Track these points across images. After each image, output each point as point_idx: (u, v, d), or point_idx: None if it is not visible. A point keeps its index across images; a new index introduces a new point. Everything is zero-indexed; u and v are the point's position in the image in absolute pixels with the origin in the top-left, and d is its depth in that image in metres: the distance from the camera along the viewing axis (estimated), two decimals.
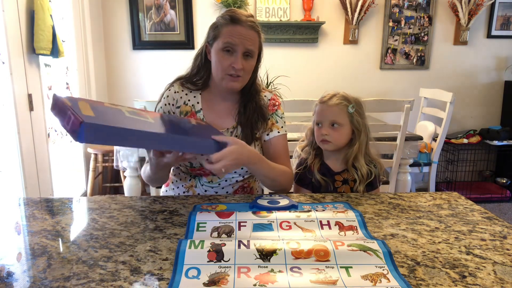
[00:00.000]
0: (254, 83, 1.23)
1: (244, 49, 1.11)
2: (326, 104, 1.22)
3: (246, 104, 1.21)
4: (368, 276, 0.66)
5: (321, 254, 0.71)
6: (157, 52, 3.20)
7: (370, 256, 0.71)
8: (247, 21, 1.11)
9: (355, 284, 0.64)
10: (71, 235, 0.85)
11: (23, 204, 1.02)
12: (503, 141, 3.21)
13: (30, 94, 2.05)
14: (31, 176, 2.06)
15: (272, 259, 0.71)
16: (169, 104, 1.23)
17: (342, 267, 0.68)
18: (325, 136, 1.20)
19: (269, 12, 3.13)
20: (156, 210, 0.97)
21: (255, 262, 0.70)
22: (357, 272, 0.67)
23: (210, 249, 0.72)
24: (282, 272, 0.68)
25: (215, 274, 0.67)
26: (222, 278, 0.66)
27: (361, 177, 1.20)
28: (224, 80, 1.13)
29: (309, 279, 0.66)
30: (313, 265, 0.69)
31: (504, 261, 0.72)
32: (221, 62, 1.11)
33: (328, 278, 0.66)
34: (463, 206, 1.02)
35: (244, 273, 0.67)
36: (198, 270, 0.68)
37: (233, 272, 0.67)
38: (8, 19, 1.89)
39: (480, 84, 3.44)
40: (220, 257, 0.70)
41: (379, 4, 3.22)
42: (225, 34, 1.10)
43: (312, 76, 3.31)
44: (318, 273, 0.67)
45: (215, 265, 0.69)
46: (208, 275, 0.67)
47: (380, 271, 0.67)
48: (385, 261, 0.70)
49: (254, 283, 0.65)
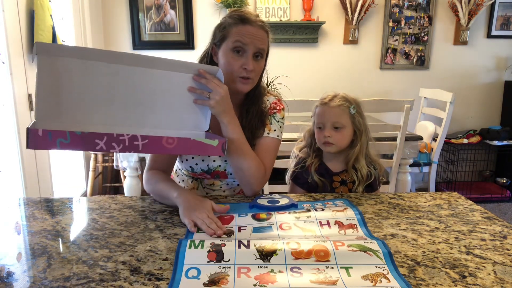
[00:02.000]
0: (259, 86, 1.19)
1: (255, 49, 1.07)
2: (327, 106, 1.20)
3: (249, 107, 1.16)
4: (368, 276, 0.66)
5: (321, 255, 0.71)
6: (157, 52, 3.19)
7: (370, 256, 0.71)
8: (256, 20, 1.08)
9: (355, 284, 0.64)
10: (71, 235, 0.85)
11: (23, 204, 1.02)
12: (503, 141, 3.21)
13: (30, 94, 2.05)
14: (31, 176, 2.06)
15: (272, 259, 0.71)
16: None
17: (342, 267, 0.68)
18: (328, 138, 1.19)
19: (269, 12, 3.13)
20: (156, 210, 0.97)
21: (255, 263, 0.70)
22: (357, 272, 0.67)
23: (210, 249, 0.72)
24: (282, 272, 0.68)
25: (215, 274, 0.67)
26: (222, 278, 0.66)
27: (360, 178, 1.20)
28: (235, 82, 1.09)
29: (309, 279, 0.66)
30: (313, 265, 0.69)
31: (504, 261, 0.72)
32: (231, 64, 1.07)
33: (328, 278, 0.66)
34: (463, 206, 1.02)
35: (244, 273, 0.67)
36: (198, 270, 0.68)
37: (233, 272, 0.67)
38: (8, 19, 1.89)
39: (480, 84, 3.44)
40: (220, 257, 0.71)
41: (379, 4, 3.21)
42: (235, 34, 1.06)
43: (312, 76, 3.31)
44: (318, 273, 0.67)
45: (215, 265, 0.69)
46: (208, 275, 0.67)
47: (380, 271, 0.67)
48: (385, 261, 0.70)
49: (254, 283, 0.65)
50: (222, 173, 1.17)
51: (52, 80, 0.85)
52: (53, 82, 0.85)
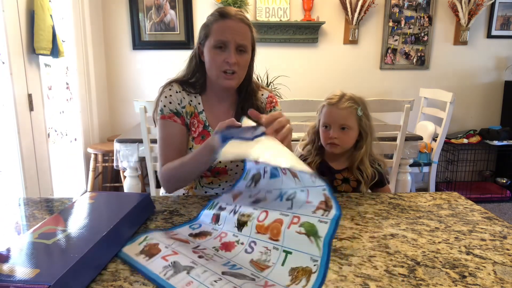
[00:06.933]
0: (251, 83, 1.20)
1: (236, 43, 1.07)
2: (335, 106, 1.20)
3: (244, 105, 1.17)
4: (295, 272, 0.64)
5: (274, 232, 0.71)
6: (157, 52, 3.20)
7: (311, 244, 0.66)
8: (236, 14, 1.08)
9: (276, 279, 0.63)
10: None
11: (23, 204, 1.02)
12: (503, 141, 3.21)
13: (30, 94, 2.05)
14: (31, 176, 2.06)
15: (243, 229, 0.75)
16: (174, 102, 1.15)
17: (284, 250, 0.67)
18: (334, 140, 1.18)
19: (269, 12, 3.13)
20: (156, 210, 0.97)
21: (233, 230, 0.77)
22: (291, 262, 0.65)
23: (215, 212, 0.85)
24: (243, 245, 0.72)
25: (203, 232, 0.80)
26: (204, 235, 0.80)
27: (366, 178, 1.20)
28: (220, 78, 1.10)
29: (251, 258, 0.68)
30: (266, 243, 0.70)
31: (504, 261, 0.72)
32: (215, 59, 1.08)
33: (263, 262, 0.67)
34: (463, 206, 1.02)
35: (221, 236, 0.78)
36: (199, 226, 0.85)
37: (217, 234, 0.79)
38: (8, 19, 1.89)
39: (480, 84, 3.44)
40: (217, 220, 0.83)
41: (379, 4, 3.22)
42: (216, 31, 1.08)
43: (312, 76, 3.31)
44: (263, 254, 0.69)
45: (210, 226, 0.83)
46: (200, 231, 0.82)
47: (310, 266, 0.63)
48: (322, 252, 0.64)
49: (216, 246, 0.74)
50: (222, 169, 1.17)
51: None
52: None
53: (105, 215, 0.82)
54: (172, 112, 1.15)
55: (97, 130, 3.03)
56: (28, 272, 0.58)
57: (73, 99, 2.75)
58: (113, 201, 0.90)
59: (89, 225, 0.76)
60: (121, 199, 0.91)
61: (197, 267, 0.65)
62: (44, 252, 0.65)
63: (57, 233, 0.72)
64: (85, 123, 2.86)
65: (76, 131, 2.78)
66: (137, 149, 2.14)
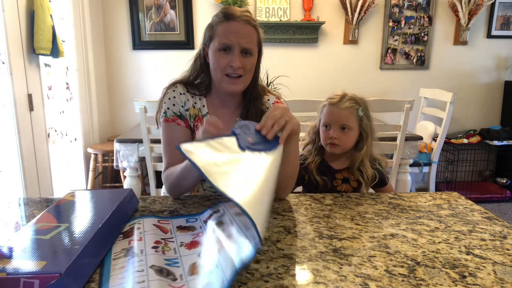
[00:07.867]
0: (256, 86, 1.16)
1: (241, 46, 1.03)
2: (336, 106, 1.19)
3: (249, 109, 1.14)
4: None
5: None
6: (157, 52, 3.20)
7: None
8: (242, 16, 1.04)
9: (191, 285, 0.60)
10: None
11: (23, 204, 1.02)
12: (503, 141, 3.21)
13: (30, 94, 2.05)
14: (31, 176, 2.06)
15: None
16: (178, 104, 1.12)
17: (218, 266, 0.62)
18: (334, 140, 1.18)
19: (269, 12, 3.13)
20: (156, 210, 0.97)
21: (212, 232, 0.77)
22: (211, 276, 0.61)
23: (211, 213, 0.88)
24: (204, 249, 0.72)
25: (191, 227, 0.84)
26: (190, 229, 0.83)
27: (366, 179, 1.20)
28: (223, 81, 1.07)
29: (195, 262, 0.68)
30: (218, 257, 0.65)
31: (504, 261, 0.72)
32: (219, 62, 1.05)
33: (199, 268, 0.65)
34: (463, 206, 1.02)
35: (198, 235, 0.79)
36: (196, 220, 0.88)
37: (198, 232, 0.80)
38: (8, 19, 1.89)
39: (480, 84, 3.44)
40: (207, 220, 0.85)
41: (379, 4, 3.22)
42: (220, 33, 1.04)
43: (312, 76, 3.31)
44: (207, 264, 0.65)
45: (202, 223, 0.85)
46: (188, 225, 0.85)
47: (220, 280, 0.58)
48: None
49: (184, 241, 0.76)
50: None
51: None
52: None
53: (95, 210, 0.86)
54: (175, 115, 1.12)
55: (97, 130, 3.03)
56: (35, 264, 0.60)
57: (73, 99, 2.75)
58: (98, 197, 0.95)
59: (83, 219, 0.79)
60: (104, 195, 0.96)
61: (140, 256, 0.69)
62: (45, 246, 0.67)
63: (52, 229, 0.74)
64: (85, 123, 2.86)
65: (76, 131, 2.78)
66: (137, 149, 2.14)
